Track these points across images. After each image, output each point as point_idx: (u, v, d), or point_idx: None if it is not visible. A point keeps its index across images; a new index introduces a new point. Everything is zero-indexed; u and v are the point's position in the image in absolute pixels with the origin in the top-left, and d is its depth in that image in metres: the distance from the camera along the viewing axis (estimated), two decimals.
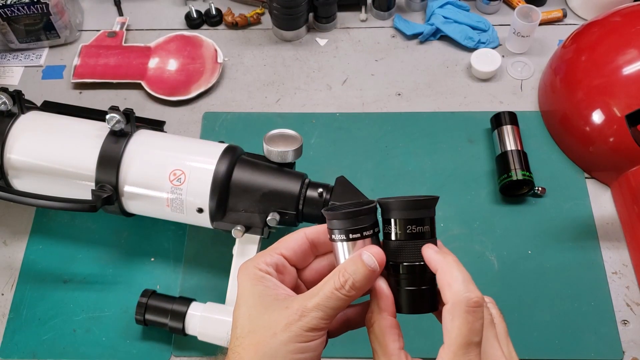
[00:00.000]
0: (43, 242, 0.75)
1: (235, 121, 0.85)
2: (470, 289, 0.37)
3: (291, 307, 0.39)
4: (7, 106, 0.65)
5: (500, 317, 0.43)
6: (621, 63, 0.75)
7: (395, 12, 0.97)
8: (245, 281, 0.41)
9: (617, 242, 0.74)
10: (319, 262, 0.45)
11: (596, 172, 0.79)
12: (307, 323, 0.38)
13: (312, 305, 0.39)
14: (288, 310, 0.39)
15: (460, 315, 0.36)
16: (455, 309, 0.36)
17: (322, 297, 0.39)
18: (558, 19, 0.96)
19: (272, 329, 0.39)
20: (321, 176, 0.66)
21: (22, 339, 0.68)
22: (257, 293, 0.40)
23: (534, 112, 0.85)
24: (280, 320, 0.39)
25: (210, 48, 0.91)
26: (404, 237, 0.40)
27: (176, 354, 0.67)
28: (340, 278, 0.39)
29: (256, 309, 0.40)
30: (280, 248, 0.43)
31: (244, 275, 0.42)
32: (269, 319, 0.39)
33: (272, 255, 0.43)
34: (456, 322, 0.36)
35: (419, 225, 0.40)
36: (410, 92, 0.88)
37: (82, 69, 0.89)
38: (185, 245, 0.74)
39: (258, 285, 0.41)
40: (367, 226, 0.41)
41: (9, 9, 0.86)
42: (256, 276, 0.41)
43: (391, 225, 0.40)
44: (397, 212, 0.40)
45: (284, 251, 0.43)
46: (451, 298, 0.37)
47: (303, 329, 0.38)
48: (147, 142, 0.66)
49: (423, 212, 0.40)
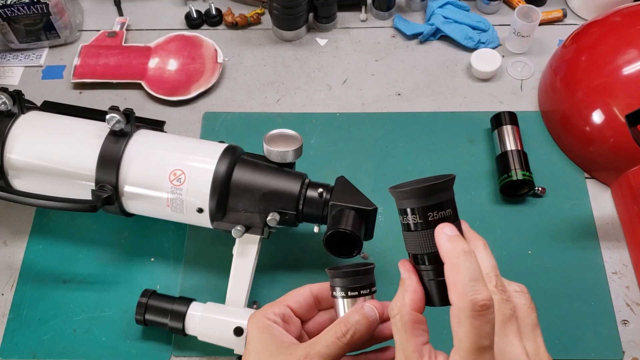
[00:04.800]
0: (43, 242, 0.75)
1: (235, 121, 0.85)
2: (477, 289, 0.34)
3: (295, 353, 0.43)
4: (7, 106, 0.65)
5: (529, 307, 0.40)
6: (621, 63, 0.75)
7: (395, 12, 0.97)
8: (254, 329, 0.46)
9: (617, 242, 0.74)
10: (322, 316, 0.50)
11: (596, 172, 0.79)
12: None
13: (314, 352, 0.42)
14: (292, 356, 0.43)
15: (466, 320, 0.34)
16: (460, 313, 0.34)
17: (323, 345, 0.42)
18: (558, 19, 0.96)
19: None
20: (321, 176, 0.66)
21: (22, 339, 0.68)
22: (265, 340, 0.45)
23: (534, 112, 0.85)
24: None
25: (210, 48, 0.91)
26: (426, 226, 0.37)
27: (176, 354, 0.67)
28: (342, 328, 0.43)
29: (263, 354, 0.44)
30: (287, 300, 0.48)
31: (253, 324, 0.46)
32: None
33: (280, 307, 0.47)
34: (462, 327, 0.34)
35: (440, 211, 0.37)
36: (410, 92, 0.88)
37: (82, 69, 0.89)
38: (185, 245, 0.74)
39: (265, 332, 0.45)
40: (365, 285, 0.45)
41: (9, 9, 0.86)
42: (264, 325, 0.46)
43: (408, 215, 0.38)
44: (414, 200, 0.37)
45: (290, 303, 0.48)
46: (456, 301, 0.35)
47: None
48: (147, 142, 0.66)
49: (442, 195, 0.37)
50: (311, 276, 0.71)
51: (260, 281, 0.70)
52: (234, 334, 0.61)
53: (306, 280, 0.71)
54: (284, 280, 0.71)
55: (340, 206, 0.61)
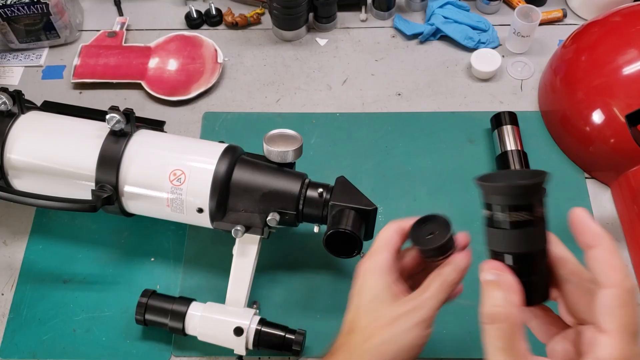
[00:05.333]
0: (43, 242, 0.75)
1: (235, 121, 0.85)
2: (629, 275, 0.35)
3: (407, 304, 0.46)
4: (7, 106, 0.65)
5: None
6: (621, 63, 0.75)
7: (395, 12, 0.97)
8: (373, 275, 0.48)
9: (617, 242, 0.74)
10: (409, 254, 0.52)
11: (596, 172, 0.79)
12: (424, 314, 0.46)
13: (428, 295, 0.46)
14: (403, 307, 0.46)
15: (628, 303, 0.34)
16: (623, 295, 0.35)
17: (430, 295, 0.46)
18: (558, 19, 0.96)
19: (395, 316, 0.46)
20: (321, 176, 0.66)
21: (22, 339, 0.68)
22: (381, 287, 0.48)
23: (534, 112, 0.85)
24: (401, 310, 0.46)
25: (210, 48, 0.91)
26: (522, 224, 0.36)
27: (176, 354, 0.67)
28: (453, 274, 0.47)
29: (379, 302, 0.47)
30: (389, 247, 0.50)
31: (372, 269, 0.49)
32: (391, 309, 0.47)
33: (390, 253, 0.49)
34: (623, 310, 0.35)
35: (540, 208, 0.36)
36: (410, 92, 0.88)
37: (82, 69, 0.89)
38: (185, 245, 0.74)
39: (382, 279, 0.48)
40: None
41: (9, 9, 0.86)
42: (382, 271, 0.48)
43: (500, 213, 0.36)
44: (521, 196, 0.35)
45: (392, 251, 0.50)
46: (618, 283, 0.35)
47: (420, 318, 0.46)
48: (147, 142, 0.66)
49: (541, 192, 0.36)
50: (311, 276, 0.71)
51: (260, 281, 0.70)
52: (234, 334, 0.61)
53: (306, 280, 0.71)
54: (284, 280, 0.71)
55: (340, 206, 0.61)
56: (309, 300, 0.70)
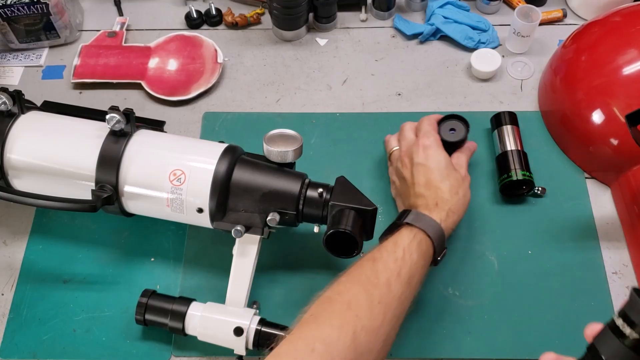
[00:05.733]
0: (43, 242, 0.75)
1: (235, 121, 0.85)
2: None
3: (457, 170, 0.68)
4: (7, 106, 0.65)
5: None
6: (621, 63, 0.75)
7: (395, 12, 0.97)
8: (438, 148, 0.68)
9: (617, 242, 0.74)
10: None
11: (596, 172, 0.79)
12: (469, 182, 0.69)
13: (464, 170, 0.70)
14: (457, 172, 0.67)
15: None
16: None
17: (464, 162, 0.71)
18: (558, 19, 0.96)
19: (461, 178, 0.68)
20: (321, 176, 0.66)
21: (22, 339, 0.68)
22: (444, 158, 0.67)
23: (534, 112, 0.85)
24: (461, 175, 0.68)
25: (210, 48, 0.91)
26: None
27: (176, 354, 0.67)
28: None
29: (444, 170, 0.66)
30: (435, 129, 0.71)
31: (434, 146, 0.68)
32: (457, 173, 0.67)
33: (436, 134, 0.70)
34: None
35: None
36: (410, 92, 0.88)
37: (82, 69, 0.89)
38: (185, 245, 0.74)
39: (443, 151, 0.68)
40: None
41: (9, 9, 0.86)
42: (440, 145, 0.69)
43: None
44: None
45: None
46: None
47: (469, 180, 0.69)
48: (147, 142, 0.66)
49: None
50: (311, 276, 0.71)
51: (260, 281, 0.70)
52: (234, 334, 0.61)
53: (306, 280, 0.71)
54: (284, 280, 0.71)
55: (340, 206, 0.61)
56: (309, 300, 0.70)
